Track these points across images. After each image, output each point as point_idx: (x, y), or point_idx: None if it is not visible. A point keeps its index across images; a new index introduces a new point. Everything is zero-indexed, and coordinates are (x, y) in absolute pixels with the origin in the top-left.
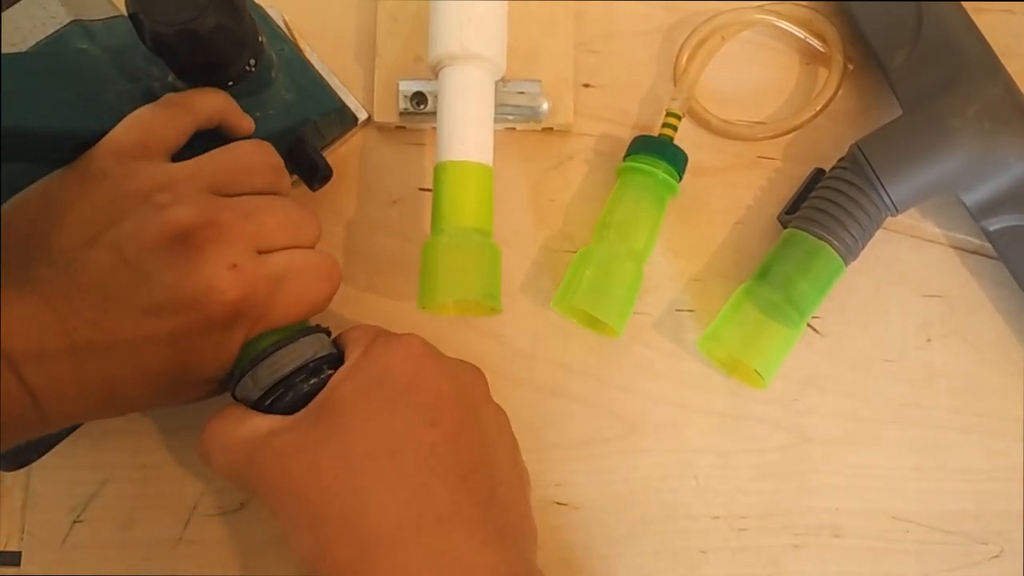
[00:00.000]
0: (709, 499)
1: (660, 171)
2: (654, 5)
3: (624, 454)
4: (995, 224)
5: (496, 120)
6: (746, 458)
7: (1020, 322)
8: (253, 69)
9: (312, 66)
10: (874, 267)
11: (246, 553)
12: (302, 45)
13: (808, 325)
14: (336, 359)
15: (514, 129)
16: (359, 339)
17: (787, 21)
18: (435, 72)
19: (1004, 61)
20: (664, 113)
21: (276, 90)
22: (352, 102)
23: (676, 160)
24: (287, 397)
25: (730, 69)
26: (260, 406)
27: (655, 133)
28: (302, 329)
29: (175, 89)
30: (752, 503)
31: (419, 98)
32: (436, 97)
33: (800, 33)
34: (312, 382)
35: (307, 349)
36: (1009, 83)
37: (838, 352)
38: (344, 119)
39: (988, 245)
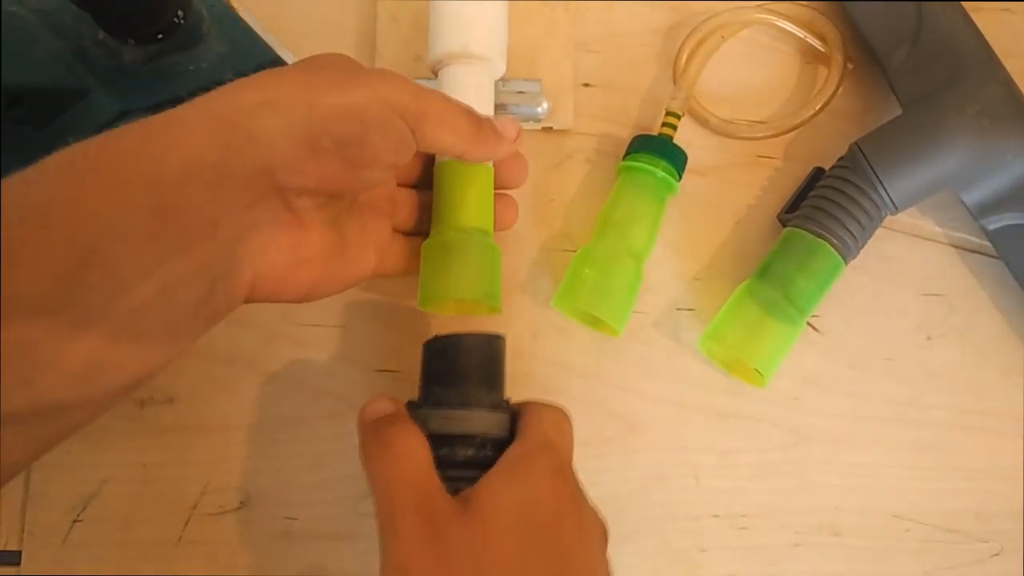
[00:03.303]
0: (709, 499)
1: (660, 170)
2: (654, 5)
3: (624, 454)
4: (995, 223)
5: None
6: (746, 457)
7: (1020, 321)
8: (182, 22)
9: (244, 21)
10: (874, 266)
11: (246, 553)
12: (234, 2)
13: (808, 324)
14: (504, 443)
15: None
16: (528, 434)
17: (787, 20)
18: (435, 72)
19: (1003, 60)
20: (664, 112)
21: (209, 44)
22: (288, 56)
23: (676, 159)
24: (441, 451)
25: (730, 68)
26: None
27: (655, 132)
28: (495, 402)
29: (105, 47)
30: (752, 502)
31: None
32: None
33: (800, 32)
34: (468, 453)
35: (482, 425)
36: (1009, 82)
37: (838, 351)
38: None
39: (988, 244)
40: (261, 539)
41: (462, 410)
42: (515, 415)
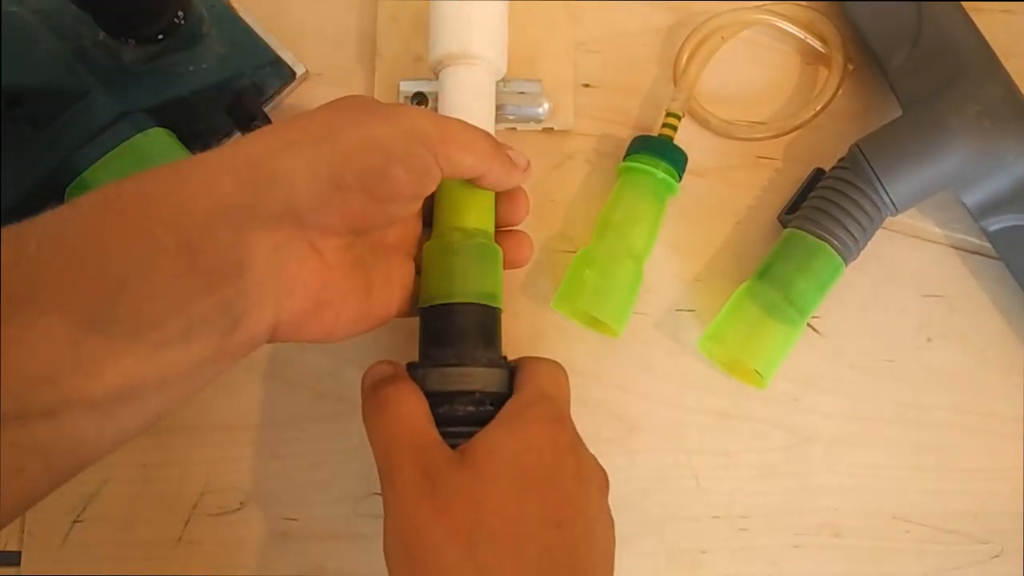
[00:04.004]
0: (709, 499)
1: (660, 171)
2: (654, 5)
3: (624, 454)
4: (995, 224)
5: (497, 120)
6: (746, 458)
7: (1020, 322)
8: (182, 22)
9: (244, 22)
10: (874, 267)
11: (246, 553)
12: (235, 3)
13: (808, 325)
14: (503, 398)
15: (515, 129)
16: (526, 388)
17: (787, 21)
18: (435, 72)
19: (1004, 61)
20: (664, 113)
21: (209, 44)
22: (289, 57)
23: (676, 160)
24: (441, 408)
25: (730, 69)
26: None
27: (655, 133)
28: (492, 359)
29: (105, 47)
30: (752, 503)
31: (420, 98)
32: (437, 97)
33: (800, 33)
34: (468, 409)
35: (480, 380)
36: (1009, 83)
37: (838, 352)
38: (280, 72)
39: (988, 245)
40: (261, 539)
41: (460, 367)
42: (513, 372)
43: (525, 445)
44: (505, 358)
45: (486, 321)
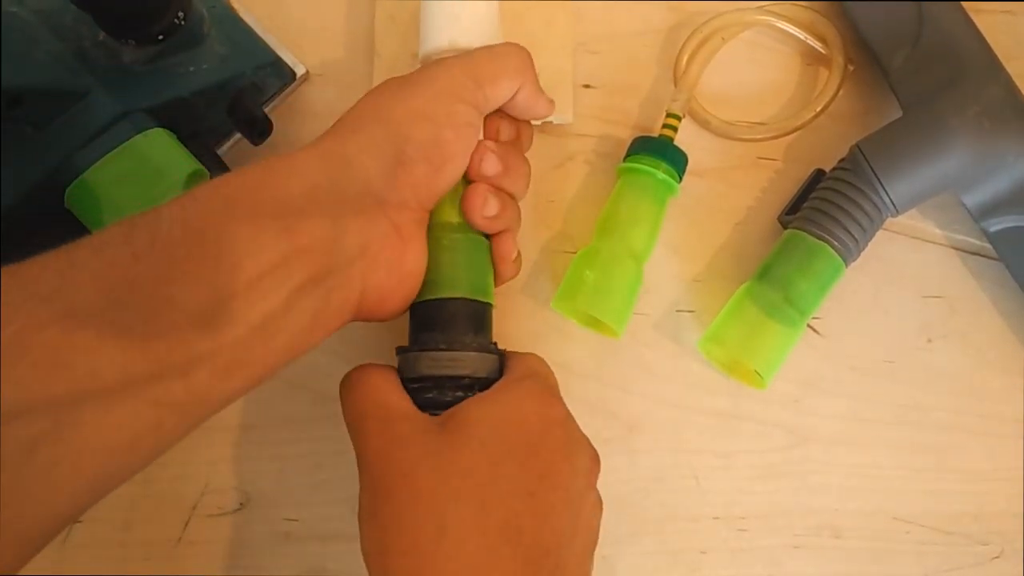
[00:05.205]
0: (709, 499)
1: (660, 172)
2: (654, 5)
3: (624, 454)
4: (995, 225)
5: None
6: (746, 458)
7: (1020, 323)
8: (182, 22)
9: (245, 22)
10: (874, 267)
11: (246, 553)
12: (235, 3)
13: (808, 326)
14: (491, 384)
15: None
16: (515, 369)
17: (788, 22)
18: None
19: (1004, 62)
20: (664, 114)
21: (209, 45)
22: (289, 57)
23: (676, 161)
24: (430, 394)
25: (731, 70)
26: (406, 383)
27: (655, 134)
28: (482, 345)
29: (106, 47)
30: (752, 503)
31: None
32: None
33: (801, 34)
34: (457, 395)
35: (470, 365)
36: (1009, 83)
37: (838, 353)
38: (281, 73)
39: (988, 246)
40: (261, 540)
41: (450, 351)
42: (503, 361)
43: (509, 414)
44: (496, 344)
45: (477, 310)
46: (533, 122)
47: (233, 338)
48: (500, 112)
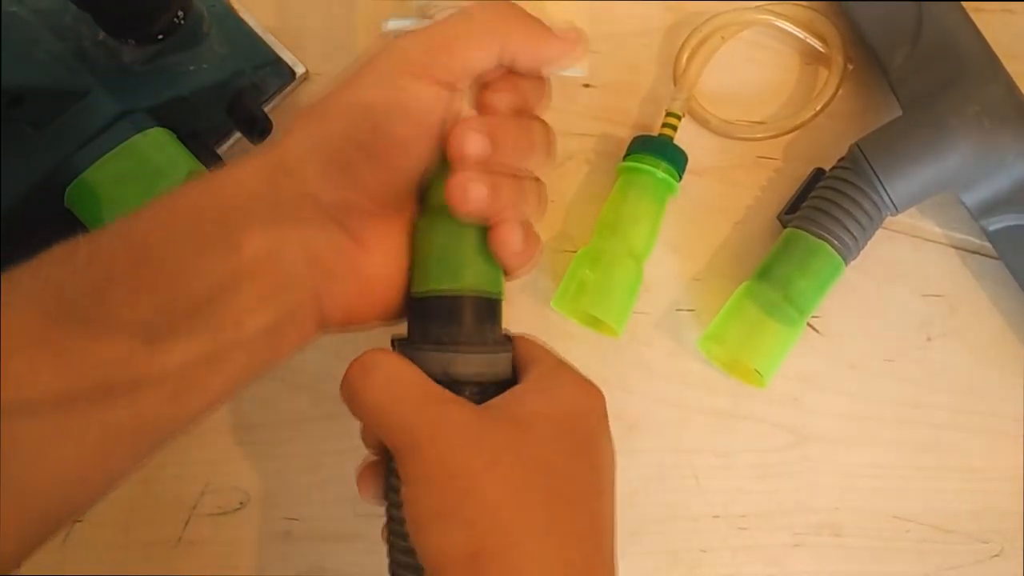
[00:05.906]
0: (709, 499)
1: (660, 171)
2: (654, 5)
3: (624, 454)
4: (995, 224)
5: None
6: (746, 458)
7: (1020, 322)
8: (182, 22)
9: (245, 22)
10: (874, 266)
11: (246, 553)
12: (235, 3)
13: (808, 324)
14: (507, 383)
15: None
16: (542, 360)
17: (787, 21)
18: (423, 12)
19: (1004, 61)
20: (664, 113)
21: (209, 44)
22: (289, 57)
23: (676, 160)
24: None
25: (730, 69)
26: None
27: (655, 133)
28: (495, 341)
29: (105, 47)
30: (752, 503)
31: None
32: None
33: (800, 33)
34: (475, 397)
35: (486, 366)
36: (1009, 83)
37: (838, 351)
38: (280, 72)
39: (988, 245)
40: (261, 539)
41: (460, 354)
42: (513, 355)
43: (567, 408)
44: (507, 331)
45: (490, 303)
46: (549, 74)
47: (181, 359)
48: (504, 75)
